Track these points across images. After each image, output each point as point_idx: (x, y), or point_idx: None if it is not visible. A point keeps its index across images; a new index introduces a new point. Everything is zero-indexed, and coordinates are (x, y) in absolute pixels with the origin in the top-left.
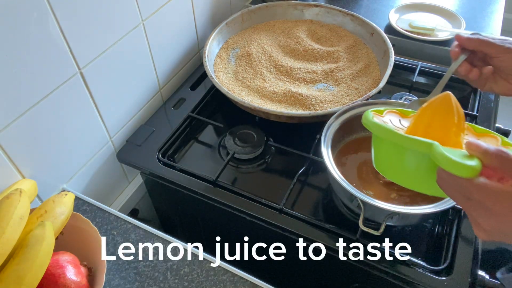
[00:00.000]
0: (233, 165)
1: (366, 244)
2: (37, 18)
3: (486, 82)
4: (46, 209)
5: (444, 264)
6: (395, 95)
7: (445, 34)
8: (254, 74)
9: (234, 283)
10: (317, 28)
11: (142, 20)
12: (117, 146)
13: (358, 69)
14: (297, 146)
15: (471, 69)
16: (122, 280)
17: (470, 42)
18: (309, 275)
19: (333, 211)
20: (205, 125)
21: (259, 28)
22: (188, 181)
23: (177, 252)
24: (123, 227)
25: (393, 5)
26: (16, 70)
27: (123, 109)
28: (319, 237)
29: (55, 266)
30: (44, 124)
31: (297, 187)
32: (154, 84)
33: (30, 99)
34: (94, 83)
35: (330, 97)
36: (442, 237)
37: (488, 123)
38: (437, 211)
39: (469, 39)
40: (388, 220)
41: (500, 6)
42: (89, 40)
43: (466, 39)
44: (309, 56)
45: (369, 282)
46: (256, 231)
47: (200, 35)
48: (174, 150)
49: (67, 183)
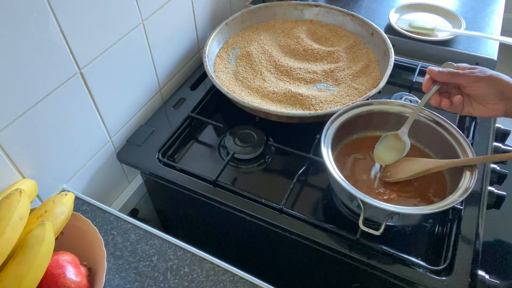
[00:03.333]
0: (233, 165)
1: (366, 244)
2: (37, 18)
3: (463, 107)
4: (46, 209)
5: (444, 264)
6: (395, 95)
7: (445, 34)
8: (254, 74)
9: (234, 283)
10: (317, 28)
11: (142, 20)
12: (117, 146)
13: (358, 69)
14: (297, 146)
15: (441, 99)
16: (122, 280)
17: (441, 76)
18: (309, 275)
19: (333, 211)
20: (205, 125)
21: (259, 28)
22: (188, 181)
23: (177, 252)
24: (123, 227)
25: (393, 5)
26: (16, 70)
27: (123, 109)
28: (319, 237)
29: (55, 266)
30: (44, 124)
31: (297, 187)
32: (154, 84)
33: (30, 99)
34: (94, 83)
35: (330, 97)
36: (442, 237)
37: (488, 123)
38: (437, 211)
39: (440, 73)
40: (388, 220)
41: (500, 6)
42: (89, 40)
43: (437, 73)
44: (309, 56)
45: (369, 282)
46: (256, 231)
47: (200, 35)
48: (174, 150)
49: (67, 183)
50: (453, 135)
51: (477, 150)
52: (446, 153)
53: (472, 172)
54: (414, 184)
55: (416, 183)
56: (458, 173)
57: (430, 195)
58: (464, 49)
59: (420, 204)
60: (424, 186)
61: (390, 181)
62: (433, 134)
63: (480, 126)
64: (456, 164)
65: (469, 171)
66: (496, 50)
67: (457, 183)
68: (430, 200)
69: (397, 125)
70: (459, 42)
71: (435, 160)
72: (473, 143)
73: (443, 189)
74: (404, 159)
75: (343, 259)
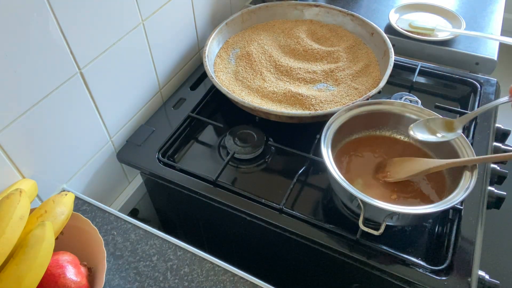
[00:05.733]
0: (233, 165)
1: (366, 244)
2: (37, 18)
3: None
4: (46, 209)
5: (444, 264)
6: (395, 95)
7: (445, 34)
8: (254, 74)
9: (234, 283)
10: (317, 28)
11: (142, 20)
12: (117, 146)
13: (358, 69)
14: (297, 146)
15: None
16: (122, 280)
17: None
18: (309, 275)
19: (333, 211)
20: (205, 125)
21: (259, 28)
22: (188, 181)
23: (177, 252)
24: (123, 227)
25: (393, 5)
26: (16, 70)
27: (123, 109)
28: (319, 237)
29: (55, 266)
30: (44, 124)
31: (297, 187)
32: (154, 84)
33: (30, 99)
34: (94, 83)
35: (330, 97)
36: (442, 237)
37: (488, 123)
38: (437, 211)
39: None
40: (388, 220)
41: (500, 6)
42: (89, 40)
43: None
44: (309, 56)
45: (369, 282)
46: (256, 231)
47: (200, 35)
48: (174, 150)
49: (67, 183)
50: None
51: (477, 150)
52: (446, 153)
53: (472, 172)
54: (414, 184)
55: (416, 183)
56: (458, 173)
57: (430, 195)
58: (464, 49)
59: (420, 204)
60: (424, 186)
61: (390, 181)
62: None
63: (480, 126)
64: (456, 164)
65: (469, 171)
66: (496, 50)
67: (457, 183)
68: (430, 200)
69: (397, 125)
70: (459, 42)
71: (435, 160)
72: (473, 143)
73: (443, 189)
74: (404, 159)
75: (343, 259)
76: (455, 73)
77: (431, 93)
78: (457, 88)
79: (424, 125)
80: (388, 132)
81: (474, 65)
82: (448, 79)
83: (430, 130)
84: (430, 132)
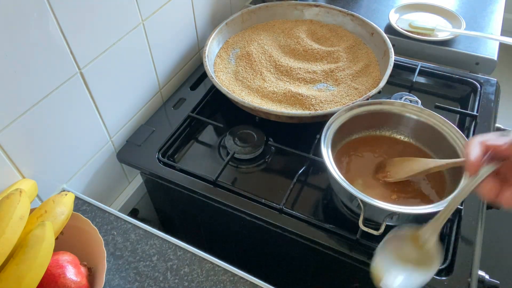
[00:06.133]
0: (233, 165)
1: (366, 244)
2: (37, 18)
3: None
4: (46, 209)
5: (444, 264)
6: (395, 95)
7: (445, 34)
8: (254, 74)
9: (234, 283)
10: (317, 28)
11: (142, 20)
12: (117, 146)
13: (358, 69)
14: (297, 146)
15: (499, 189)
16: (122, 280)
17: (509, 150)
18: (309, 275)
19: (333, 211)
20: (205, 125)
21: (259, 28)
22: (188, 181)
23: (177, 252)
24: (123, 227)
25: (393, 5)
26: (16, 70)
27: (123, 109)
28: (319, 237)
29: (55, 266)
30: (44, 124)
31: (297, 187)
32: (154, 84)
33: (30, 99)
34: (94, 83)
35: (330, 97)
36: (442, 237)
37: (488, 123)
38: (437, 211)
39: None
40: (388, 220)
41: (500, 6)
42: (89, 40)
43: (503, 147)
44: (309, 56)
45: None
46: (256, 231)
47: (200, 35)
48: (174, 150)
49: (67, 183)
50: (453, 135)
51: None
52: (446, 153)
53: None
54: (414, 184)
55: (416, 183)
56: (458, 173)
57: (430, 195)
58: (464, 49)
59: (420, 204)
60: (424, 186)
61: (390, 181)
62: (433, 134)
63: (480, 126)
64: (456, 164)
65: None
66: (496, 50)
67: (457, 183)
68: (430, 200)
69: (397, 125)
70: (459, 42)
71: (435, 160)
72: None
73: (443, 189)
74: (404, 159)
75: (343, 259)
76: (455, 73)
77: (431, 93)
78: (457, 88)
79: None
80: (388, 132)
81: (474, 65)
82: (448, 79)
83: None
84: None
